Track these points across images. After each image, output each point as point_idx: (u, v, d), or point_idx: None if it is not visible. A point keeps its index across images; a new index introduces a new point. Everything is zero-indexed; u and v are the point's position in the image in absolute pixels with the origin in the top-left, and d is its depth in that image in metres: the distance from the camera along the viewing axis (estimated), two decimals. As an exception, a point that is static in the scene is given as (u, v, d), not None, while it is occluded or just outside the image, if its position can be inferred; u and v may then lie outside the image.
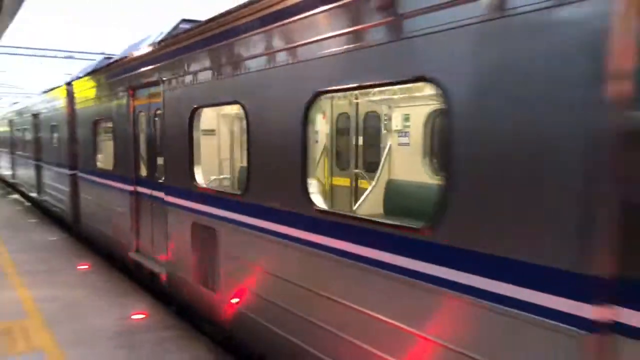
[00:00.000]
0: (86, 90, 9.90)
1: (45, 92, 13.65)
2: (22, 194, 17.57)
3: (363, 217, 3.62)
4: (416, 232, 3.13)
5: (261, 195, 4.48)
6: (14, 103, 26.08)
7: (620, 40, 2.24)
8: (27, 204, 16.17)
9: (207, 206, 5.39)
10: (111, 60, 8.95)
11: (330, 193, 7.00)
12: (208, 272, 5.41)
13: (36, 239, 10.72)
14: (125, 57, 7.75)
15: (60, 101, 11.55)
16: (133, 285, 7.63)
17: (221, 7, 5.01)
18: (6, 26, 18.07)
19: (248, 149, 4.62)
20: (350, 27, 3.52)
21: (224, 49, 4.97)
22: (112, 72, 8.41)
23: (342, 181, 6.87)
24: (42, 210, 14.37)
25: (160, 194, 6.59)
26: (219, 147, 7.70)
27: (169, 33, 6.91)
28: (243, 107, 4.67)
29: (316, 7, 3.79)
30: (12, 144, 19.23)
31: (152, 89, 6.90)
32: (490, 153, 2.72)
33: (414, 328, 3.16)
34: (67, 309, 6.46)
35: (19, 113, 17.66)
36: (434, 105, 5.65)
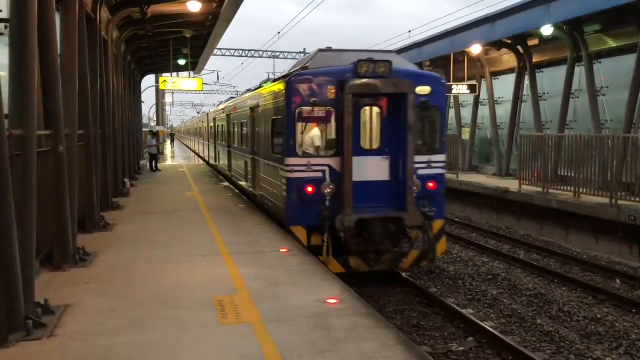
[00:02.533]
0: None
1: (260, 87, 15.47)
2: (231, 181, 19.52)
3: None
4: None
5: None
6: (219, 104, 28.78)
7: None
8: (236, 191, 17.93)
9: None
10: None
11: None
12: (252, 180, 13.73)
13: (243, 223, 11.85)
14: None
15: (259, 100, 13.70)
16: (327, 271, 8.04)
17: None
18: (223, 33, 20.07)
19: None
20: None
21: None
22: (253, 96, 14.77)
23: None
24: (252, 201, 15.79)
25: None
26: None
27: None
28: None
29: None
30: (229, 138, 19.99)
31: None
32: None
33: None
34: (270, 288, 7.04)
35: (236, 107, 18.75)
36: None
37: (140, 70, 28.48)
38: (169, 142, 63.66)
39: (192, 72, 29.15)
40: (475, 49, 20.88)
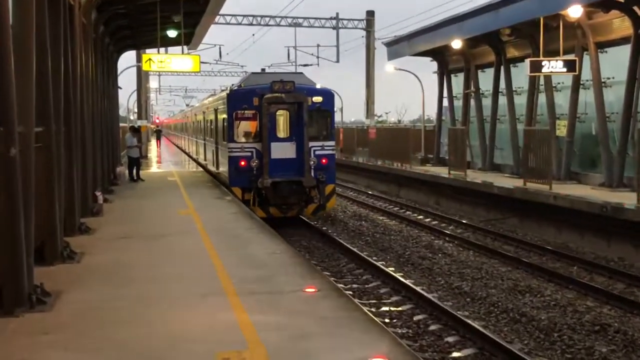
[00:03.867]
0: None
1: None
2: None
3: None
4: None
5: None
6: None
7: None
8: (243, 206, 18.07)
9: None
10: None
11: None
12: (216, 161, 25.97)
13: (255, 251, 11.91)
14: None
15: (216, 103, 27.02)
16: (370, 319, 8.01)
17: None
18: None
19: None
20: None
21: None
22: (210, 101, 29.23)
23: None
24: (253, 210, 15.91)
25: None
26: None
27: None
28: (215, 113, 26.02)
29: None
30: (204, 132, 31.19)
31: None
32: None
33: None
34: (293, 342, 7.05)
35: (207, 108, 31.03)
36: None
37: (116, 45, 28.96)
38: (154, 141, 64.51)
39: (185, 48, 29.52)
40: (574, 11, 20.67)
